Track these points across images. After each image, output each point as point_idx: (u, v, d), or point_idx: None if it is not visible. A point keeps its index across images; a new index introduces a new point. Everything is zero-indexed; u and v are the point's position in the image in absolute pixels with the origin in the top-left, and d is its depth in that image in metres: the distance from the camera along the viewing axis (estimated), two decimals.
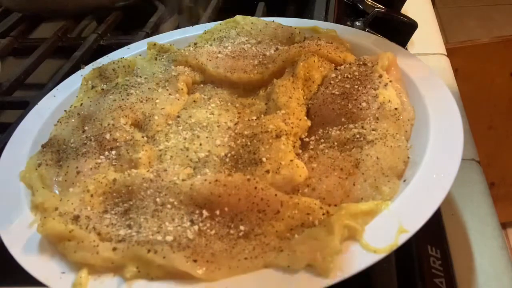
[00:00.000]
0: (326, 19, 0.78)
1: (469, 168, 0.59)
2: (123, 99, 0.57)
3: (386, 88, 0.51)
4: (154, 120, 0.54)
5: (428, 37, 0.84)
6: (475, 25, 2.49)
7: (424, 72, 0.55)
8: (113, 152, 0.51)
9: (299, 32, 0.67)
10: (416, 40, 0.80)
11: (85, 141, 0.52)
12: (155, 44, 0.69)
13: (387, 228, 0.39)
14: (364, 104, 0.51)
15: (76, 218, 0.43)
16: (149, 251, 0.39)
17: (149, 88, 0.59)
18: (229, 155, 0.49)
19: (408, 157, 0.46)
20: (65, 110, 0.59)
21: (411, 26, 0.77)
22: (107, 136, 0.52)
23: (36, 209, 0.47)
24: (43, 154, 0.52)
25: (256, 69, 0.60)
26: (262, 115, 0.53)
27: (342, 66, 0.57)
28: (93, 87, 0.63)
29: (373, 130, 0.48)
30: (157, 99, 0.57)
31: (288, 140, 0.49)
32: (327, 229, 0.39)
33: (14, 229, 0.44)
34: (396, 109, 0.50)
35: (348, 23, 0.80)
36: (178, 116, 0.56)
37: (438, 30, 0.88)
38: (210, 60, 0.62)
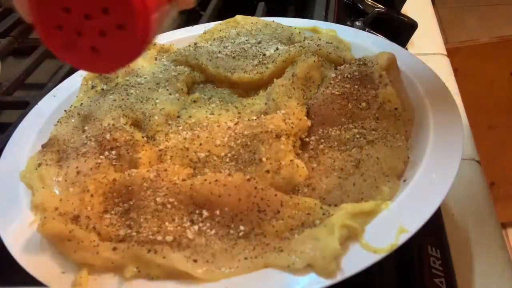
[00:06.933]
0: (326, 19, 0.78)
1: (469, 168, 0.58)
2: (123, 99, 0.57)
3: (386, 88, 0.51)
4: (154, 120, 0.54)
5: (428, 37, 0.84)
6: (475, 25, 2.49)
7: (424, 72, 0.55)
8: (113, 152, 0.51)
9: (299, 32, 0.67)
10: (416, 40, 0.80)
11: (85, 141, 0.52)
12: (155, 44, 0.69)
13: (387, 228, 0.39)
14: (364, 104, 0.51)
15: (76, 218, 0.43)
16: (149, 251, 0.39)
17: (149, 88, 0.59)
18: (229, 155, 0.49)
19: (408, 157, 0.46)
20: (65, 110, 0.59)
21: (411, 26, 0.77)
22: (107, 136, 0.52)
23: (36, 209, 0.47)
24: (43, 154, 0.52)
25: (256, 69, 0.60)
26: (262, 115, 0.53)
27: (342, 66, 0.57)
28: (93, 87, 0.63)
29: (373, 130, 0.48)
30: (157, 99, 0.57)
31: (288, 140, 0.49)
32: (327, 229, 0.39)
33: (14, 229, 0.44)
34: (396, 109, 0.50)
35: (348, 23, 0.80)
36: (178, 116, 0.56)
37: (438, 30, 0.88)
38: (210, 60, 0.62)
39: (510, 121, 1.40)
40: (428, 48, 0.81)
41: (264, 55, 0.62)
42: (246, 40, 0.66)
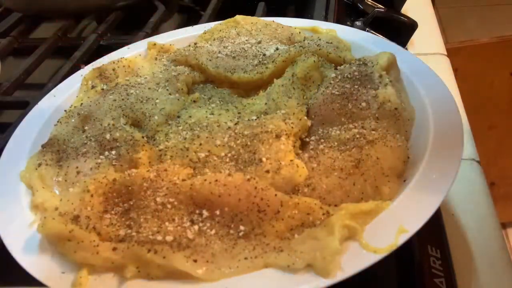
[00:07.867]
0: (326, 19, 0.78)
1: (469, 168, 0.58)
2: (123, 99, 0.57)
3: (386, 88, 0.51)
4: (154, 120, 0.54)
5: (428, 37, 0.84)
6: (475, 25, 2.49)
7: (424, 72, 0.55)
8: (113, 152, 0.51)
9: (299, 32, 0.67)
10: (416, 40, 0.81)
11: (85, 141, 0.52)
12: (155, 44, 0.69)
13: (387, 228, 0.39)
14: (364, 104, 0.51)
15: (76, 218, 0.43)
16: (149, 251, 0.39)
17: (149, 88, 0.59)
18: (229, 155, 0.49)
19: (408, 157, 0.46)
20: (65, 110, 0.59)
21: (411, 26, 0.77)
22: (107, 136, 0.52)
23: (36, 209, 0.47)
24: (43, 154, 0.52)
25: (256, 69, 0.60)
26: (262, 115, 0.53)
27: (342, 66, 0.57)
28: (93, 87, 0.63)
29: (373, 130, 0.48)
30: (157, 99, 0.57)
31: (288, 140, 0.49)
32: (327, 229, 0.39)
33: (14, 229, 0.44)
34: (396, 109, 0.50)
35: (348, 23, 0.80)
36: (178, 116, 0.56)
37: (438, 30, 0.88)
38: (210, 60, 0.62)
39: (510, 121, 1.41)
40: (428, 48, 0.81)
41: (264, 55, 0.62)
42: (246, 40, 0.66)
